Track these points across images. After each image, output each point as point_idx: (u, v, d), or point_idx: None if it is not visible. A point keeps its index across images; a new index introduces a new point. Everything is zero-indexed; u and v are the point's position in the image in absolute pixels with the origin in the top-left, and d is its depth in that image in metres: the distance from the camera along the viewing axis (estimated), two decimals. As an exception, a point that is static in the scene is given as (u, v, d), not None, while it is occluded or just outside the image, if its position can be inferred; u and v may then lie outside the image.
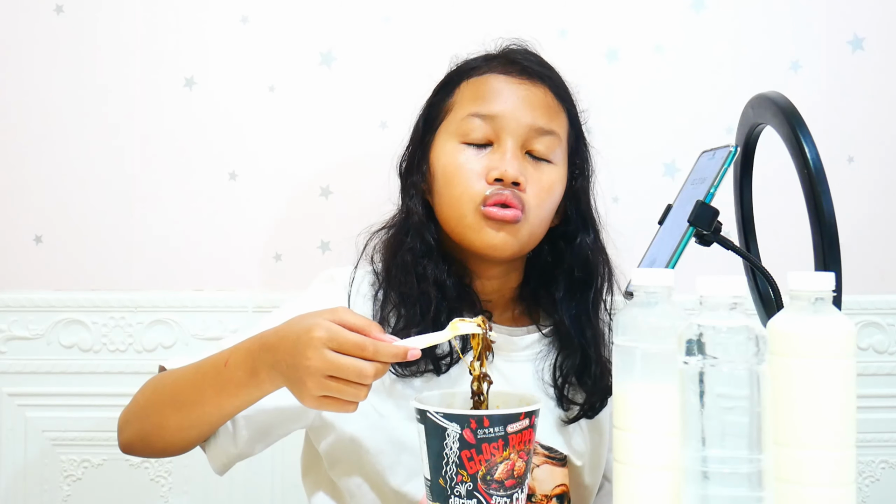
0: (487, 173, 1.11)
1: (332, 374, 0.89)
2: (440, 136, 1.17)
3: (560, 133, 1.16)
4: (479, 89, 1.15)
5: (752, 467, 0.73)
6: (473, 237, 1.12)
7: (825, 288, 0.76)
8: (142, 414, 1.09)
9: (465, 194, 1.11)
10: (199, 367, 1.04)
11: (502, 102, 1.13)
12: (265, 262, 1.63)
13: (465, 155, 1.13)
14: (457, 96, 1.17)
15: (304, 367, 0.90)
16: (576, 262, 1.19)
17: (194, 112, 1.62)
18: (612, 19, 1.65)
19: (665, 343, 0.78)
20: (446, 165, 1.14)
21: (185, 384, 1.05)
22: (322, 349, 0.89)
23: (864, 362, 1.65)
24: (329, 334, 0.89)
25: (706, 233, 0.99)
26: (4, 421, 1.61)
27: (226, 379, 1.00)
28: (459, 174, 1.12)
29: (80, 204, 1.62)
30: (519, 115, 1.13)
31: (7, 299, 1.61)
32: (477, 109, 1.13)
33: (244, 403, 1.02)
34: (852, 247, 1.28)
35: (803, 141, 1.05)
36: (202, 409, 1.03)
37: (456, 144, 1.14)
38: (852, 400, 0.75)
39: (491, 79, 1.15)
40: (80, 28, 1.62)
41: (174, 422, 1.05)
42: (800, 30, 1.66)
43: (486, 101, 1.14)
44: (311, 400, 0.92)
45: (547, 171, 1.14)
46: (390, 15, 1.63)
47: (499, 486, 0.86)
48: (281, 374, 0.94)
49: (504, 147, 1.12)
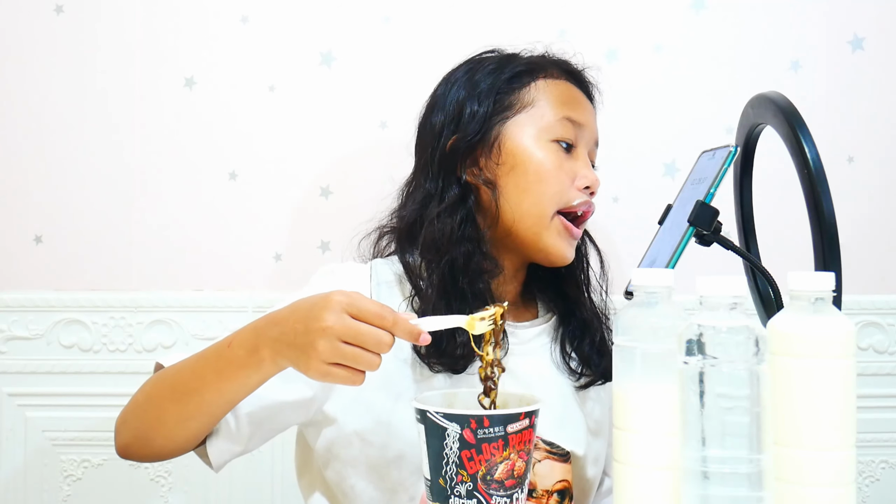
0: (576, 179, 1.16)
1: (347, 340, 0.87)
2: (519, 127, 1.17)
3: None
4: (565, 94, 1.20)
5: (752, 467, 0.73)
6: (549, 240, 1.16)
7: (825, 288, 0.76)
8: (139, 411, 1.06)
9: (556, 195, 1.15)
10: (202, 353, 1.02)
11: (585, 113, 1.20)
12: (265, 262, 1.63)
13: (558, 156, 1.16)
14: (534, 92, 1.18)
15: (318, 329, 0.88)
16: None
17: (194, 112, 1.62)
18: (612, 19, 1.65)
19: (665, 343, 0.78)
20: (542, 161, 1.15)
21: (185, 373, 1.02)
22: (341, 313, 0.88)
23: (864, 362, 1.65)
24: (349, 300, 0.89)
25: (706, 233, 0.99)
26: (4, 421, 1.61)
27: (226, 361, 0.97)
28: (556, 175, 1.15)
29: (80, 204, 1.62)
30: (592, 127, 1.21)
31: (7, 299, 1.61)
32: (570, 114, 1.18)
33: (243, 388, 0.99)
34: (852, 247, 1.28)
35: (803, 141, 1.05)
36: (202, 396, 1.00)
37: (547, 142, 1.16)
38: (852, 400, 0.75)
39: (570, 87, 1.21)
40: (80, 28, 1.62)
41: (173, 414, 1.02)
42: (800, 30, 1.65)
43: (573, 108, 1.19)
44: (319, 366, 0.89)
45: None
46: (390, 15, 1.63)
47: (499, 486, 0.86)
48: (287, 345, 0.91)
49: (584, 156, 1.19)
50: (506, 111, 1.18)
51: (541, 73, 1.20)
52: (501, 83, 1.19)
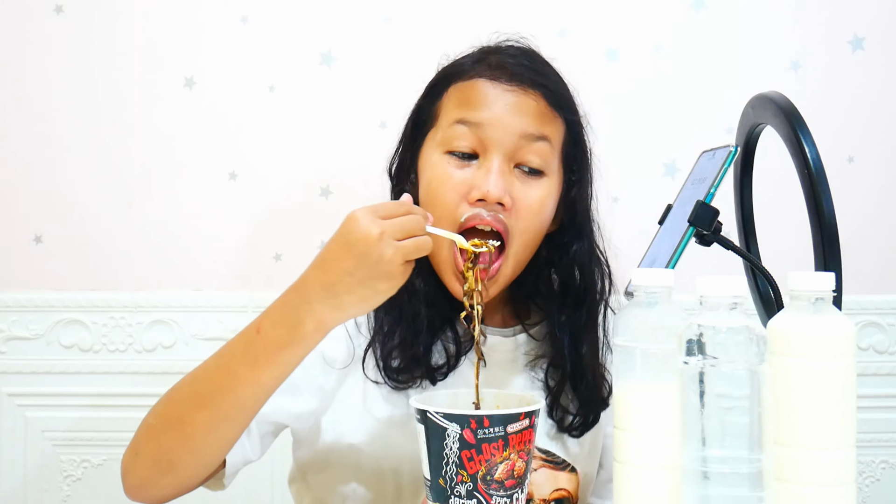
0: (469, 191, 1.03)
1: (400, 237, 0.87)
2: (427, 144, 1.10)
3: (553, 140, 1.07)
4: (466, 94, 1.06)
5: (752, 467, 0.73)
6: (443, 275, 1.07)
7: (825, 288, 0.76)
8: (156, 434, 0.96)
9: (446, 215, 1.04)
10: (221, 352, 0.95)
11: (489, 109, 1.04)
12: (265, 262, 1.63)
13: (448, 167, 1.05)
14: (444, 101, 1.09)
15: (373, 244, 0.85)
16: (570, 272, 1.14)
17: (194, 112, 1.62)
18: (612, 19, 1.65)
19: (665, 343, 0.78)
20: (430, 179, 1.06)
21: (208, 374, 0.95)
22: (375, 219, 0.86)
23: (864, 362, 1.65)
24: (371, 208, 0.88)
25: (706, 233, 0.99)
26: (4, 421, 1.61)
27: (261, 347, 0.91)
28: (440, 190, 1.04)
29: (80, 204, 1.62)
30: (507, 122, 1.04)
31: (7, 299, 1.61)
32: (462, 116, 1.05)
33: (285, 371, 0.92)
34: (852, 247, 1.28)
35: (803, 141, 1.05)
36: (235, 393, 0.92)
37: (441, 155, 1.06)
38: (852, 400, 0.75)
39: (478, 84, 1.06)
40: (80, 28, 1.62)
41: (202, 422, 0.93)
42: (800, 30, 1.66)
43: (472, 107, 1.05)
44: (402, 271, 0.87)
45: (537, 187, 1.06)
46: (390, 15, 1.63)
47: (499, 487, 0.86)
48: (346, 291, 0.87)
49: (490, 161, 1.04)
50: (422, 127, 1.11)
51: (454, 79, 1.09)
52: (421, 99, 1.13)
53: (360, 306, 0.89)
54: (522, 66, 1.07)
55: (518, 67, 1.07)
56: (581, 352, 1.12)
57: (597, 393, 1.13)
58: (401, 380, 1.08)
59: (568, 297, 1.14)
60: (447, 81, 1.10)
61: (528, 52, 1.12)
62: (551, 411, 1.13)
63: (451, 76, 1.10)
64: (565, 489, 1.13)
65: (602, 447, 1.21)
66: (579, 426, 1.12)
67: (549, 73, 1.10)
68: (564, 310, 1.13)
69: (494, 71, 1.07)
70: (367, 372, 1.10)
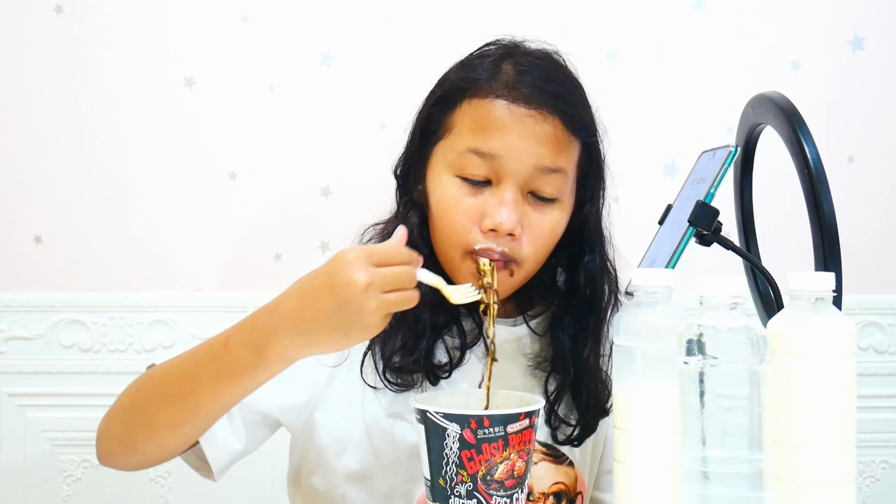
0: (482, 219, 1.02)
1: (388, 289, 0.85)
2: (437, 158, 1.07)
3: (568, 168, 1.05)
4: (482, 118, 1.02)
5: (752, 467, 0.73)
6: (461, 279, 1.04)
7: (825, 288, 0.76)
8: (125, 415, 1.00)
9: (454, 238, 1.03)
10: (193, 354, 0.96)
11: (504, 139, 1.01)
12: (265, 262, 1.63)
13: (460, 192, 1.03)
14: (458, 116, 1.05)
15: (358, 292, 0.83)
16: (578, 280, 1.12)
17: (194, 112, 1.62)
18: (612, 19, 1.65)
19: (665, 343, 0.78)
20: (439, 200, 1.04)
21: (176, 374, 0.96)
22: (367, 266, 0.85)
23: (864, 362, 1.64)
24: (366, 251, 0.86)
25: (706, 233, 0.99)
26: (4, 421, 1.61)
27: (224, 363, 0.91)
28: (451, 215, 1.03)
29: (80, 204, 1.62)
30: (522, 155, 1.01)
31: (7, 299, 1.61)
32: (477, 145, 1.02)
33: (246, 390, 0.93)
34: (852, 247, 1.28)
35: (803, 141, 1.05)
36: (196, 399, 0.94)
37: (451, 177, 1.04)
38: (852, 400, 0.75)
39: (495, 106, 1.02)
40: (80, 28, 1.62)
41: (164, 417, 0.96)
42: (800, 30, 1.66)
43: (487, 134, 1.01)
44: (378, 323, 0.85)
45: (549, 213, 1.05)
46: (390, 15, 1.63)
47: (499, 487, 0.86)
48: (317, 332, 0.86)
49: (503, 190, 1.02)
50: (433, 135, 1.08)
51: (470, 92, 1.04)
52: (432, 105, 1.09)
53: (327, 348, 0.89)
54: (542, 83, 1.03)
55: (537, 84, 1.03)
56: (583, 356, 1.11)
57: (598, 401, 1.11)
58: (401, 383, 1.07)
59: (573, 301, 1.12)
60: (461, 94, 1.05)
61: (548, 62, 1.08)
62: (549, 419, 1.11)
63: (465, 89, 1.05)
64: (563, 482, 1.13)
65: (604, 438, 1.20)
66: (577, 437, 1.11)
67: (569, 90, 1.06)
68: (569, 310, 1.12)
69: (513, 90, 1.02)
70: (365, 377, 1.08)
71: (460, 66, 1.10)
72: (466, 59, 1.10)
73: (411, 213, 1.09)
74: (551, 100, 1.03)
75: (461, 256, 1.04)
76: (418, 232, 1.08)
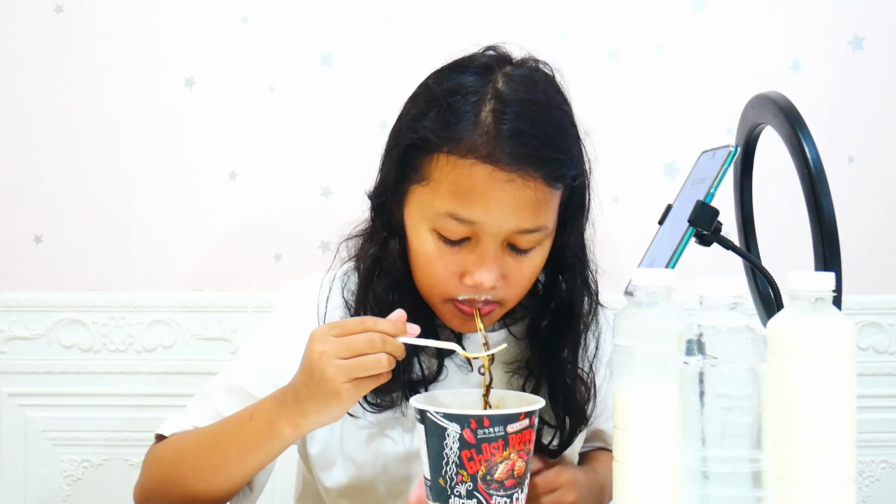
0: (463, 276, 1.00)
1: (343, 356, 0.89)
2: (414, 202, 1.03)
3: (549, 222, 1.02)
4: (461, 183, 0.98)
5: (752, 467, 0.73)
6: (442, 318, 1.06)
7: (825, 288, 0.76)
8: (162, 489, 1.05)
9: (436, 289, 1.03)
10: (222, 426, 1.03)
11: (484, 206, 0.97)
12: (265, 262, 1.63)
13: (439, 248, 1.01)
14: (435, 168, 1.00)
15: (316, 361, 0.90)
16: (559, 295, 1.11)
17: (194, 112, 1.62)
18: (612, 19, 1.65)
19: (665, 343, 0.78)
20: (419, 251, 1.02)
21: (207, 448, 1.02)
22: (326, 337, 0.91)
23: (864, 362, 1.65)
24: (328, 325, 0.92)
25: (706, 233, 0.99)
26: (4, 421, 1.61)
27: (248, 433, 0.98)
28: (432, 268, 1.02)
29: (80, 204, 1.62)
30: (502, 221, 0.98)
31: (7, 299, 1.61)
32: (456, 211, 0.98)
33: (267, 457, 1.00)
34: (852, 247, 1.28)
35: (803, 141, 1.05)
36: (226, 470, 1.01)
37: (429, 230, 1.01)
38: (852, 400, 0.75)
39: (475, 171, 0.97)
40: (80, 28, 1.62)
41: (202, 489, 1.02)
42: (800, 30, 1.66)
43: (467, 201, 0.97)
44: (344, 390, 0.89)
45: (529, 260, 1.03)
46: (390, 15, 1.63)
47: (499, 486, 0.86)
48: (307, 401, 0.92)
49: (483, 249, 0.99)
50: (410, 174, 1.03)
51: (447, 145, 0.98)
52: (406, 145, 1.03)
53: (319, 418, 0.94)
54: (524, 140, 0.97)
55: (519, 145, 0.97)
56: (560, 358, 1.10)
57: (576, 405, 1.10)
58: (380, 404, 1.06)
59: (552, 305, 1.12)
60: (439, 145, 0.99)
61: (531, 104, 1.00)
62: None
63: (444, 140, 0.99)
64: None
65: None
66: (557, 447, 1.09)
67: (553, 141, 1.00)
68: (547, 315, 1.12)
69: (493, 152, 0.96)
70: None
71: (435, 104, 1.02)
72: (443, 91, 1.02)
73: (392, 242, 1.07)
74: (533, 163, 0.97)
75: (441, 302, 1.04)
76: (400, 260, 1.07)
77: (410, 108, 1.07)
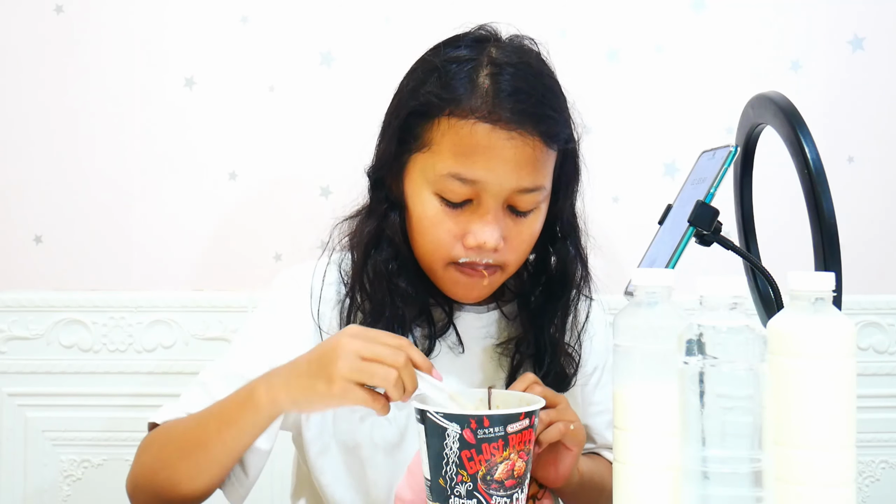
0: (465, 236, 1.03)
1: (366, 356, 0.90)
2: (416, 169, 1.06)
3: (546, 182, 1.06)
4: (463, 142, 1.01)
5: (752, 467, 0.73)
6: (445, 286, 1.09)
7: (825, 288, 0.76)
8: (150, 474, 1.04)
9: (438, 252, 1.05)
10: (209, 407, 1.03)
11: (486, 164, 1.01)
12: (265, 262, 1.63)
13: (441, 211, 1.04)
14: (436, 132, 1.04)
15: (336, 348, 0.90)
16: (549, 266, 1.14)
17: (194, 112, 1.62)
18: (612, 19, 1.65)
19: (665, 343, 0.78)
20: (421, 216, 1.05)
21: (191, 427, 1.02)
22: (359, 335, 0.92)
23: (864, 362, 1.65)
24: (363, 329, 0.94)
25: (706, 233, 0.99)
26: (4, 421, 1.61)
27: (227, 405, 0.99)
28: (434, 231, 1.04)
29: (80, 204, 1.62)
30: (503, 178, 1.01)
31: (7, 299, 1.61)
32: (458, 171, 1.01)
33: (243, 433, 0.98)
34: (852, 247, 1.28)
35: (803, 141, 1.05)
36: (206, 449, 1.00)
37: (431, 194, 1.04)
38: (852, 400, 0.75)
39: (476, 131, 1.01)
40: (80, 28, 1.62)
41: (184, 471, 1.01)
42: (800, 30, 1.66)
43: (469, 160, 1.01)
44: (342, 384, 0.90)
45: (528, 222, 1.06)
46: (390, 15, 1.63)
47: (499, 487, 0.86)
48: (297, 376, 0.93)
49: (485, 209, 1.03)
50: (411, 144, 1.07)
51: (448, 108, 1.03)
52: (407, 114, 1.08)
53: (298, 396, 0.94)
54: (522, 100, 1.02)
55: (517, 104, 1.02)
56: (547, 331, 1.13)
57: (561, 371, 1.13)
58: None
59: (542, 279, 1.15)
60: (439, 109, 1.04)
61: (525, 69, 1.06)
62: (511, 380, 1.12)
63: (445, 102, 1.03)
64: None
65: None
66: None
67: (548, 103, 1.05)
68: (537, 288, 1.15)
69: (492, 112, 1.01)
70: None
71: (434, 72, 1.08)
72: (441, 61, 1.08)
73: (392, 214, 1.10)
74: (531, 120, 1.02)
75: (443, 267, 1.07)
76: (400, 232, 1.09)
77: (409, 81, 1.12)
